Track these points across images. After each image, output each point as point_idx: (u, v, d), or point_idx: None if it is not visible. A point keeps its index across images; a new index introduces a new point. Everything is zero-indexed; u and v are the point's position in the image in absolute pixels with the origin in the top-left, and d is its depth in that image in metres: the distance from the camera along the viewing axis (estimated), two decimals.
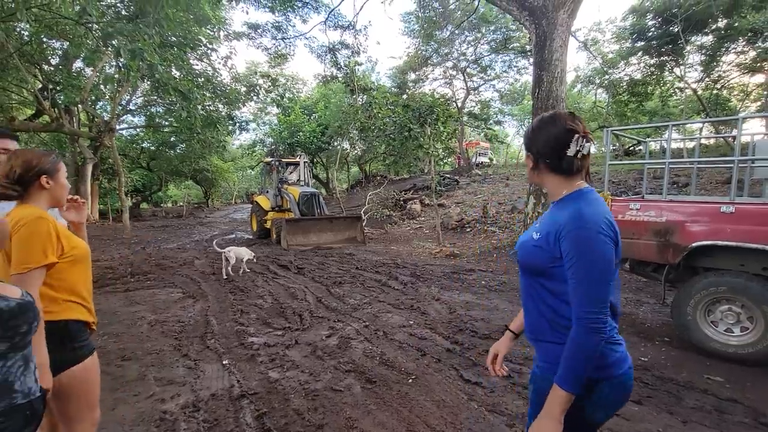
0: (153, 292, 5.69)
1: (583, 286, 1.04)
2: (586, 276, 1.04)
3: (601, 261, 1.04)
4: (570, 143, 1.12)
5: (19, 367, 0.97)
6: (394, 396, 2.67)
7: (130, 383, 2.92)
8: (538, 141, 1.19)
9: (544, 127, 1.18)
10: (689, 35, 16.26)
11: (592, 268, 1.03)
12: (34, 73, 12.36)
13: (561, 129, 1.13)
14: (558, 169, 1.17)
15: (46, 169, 1.51)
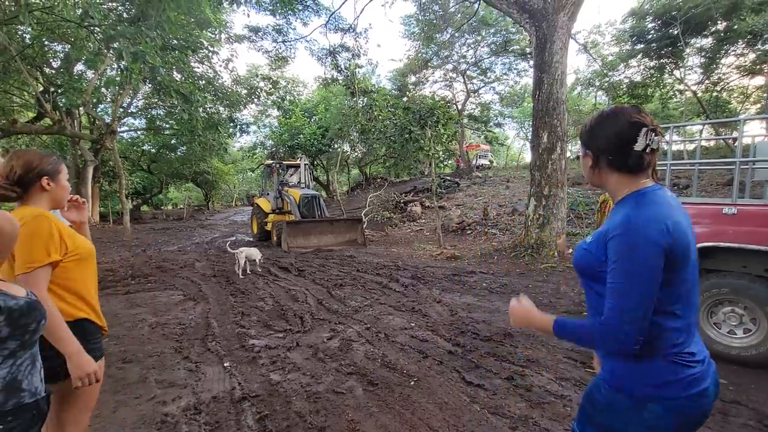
0: (154, 295, 5.68)
1: (616, 295, 0.98)
2: (621, 284, 0.98)
3: (640, 271, 0.96)
4: (637, 137, 1.04)
5: (27, 366, 0.97)
6: (396, 398, 2.66)
7: (131, 386, 2.91)
8: (599, 137, 1.11)
9: (607, 121, 1.10)
10: (689, 38, 16.30)
11: (629, 278, 0.97)
12: (36, 76, 12.40)
13: (626, 122, 1.06)
14: (623, 167, 1.08)
15: (47, 170, 1.50)
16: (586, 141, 1.16)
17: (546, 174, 7.70)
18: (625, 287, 0.97)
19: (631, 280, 0.96)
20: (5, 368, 0.90)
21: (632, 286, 0.96)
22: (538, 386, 2.77)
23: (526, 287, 5.64)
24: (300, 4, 14.37)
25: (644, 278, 0.96)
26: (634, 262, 0.96)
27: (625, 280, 0.97)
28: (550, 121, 7.68)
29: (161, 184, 29.59)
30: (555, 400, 2.58)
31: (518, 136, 41.00)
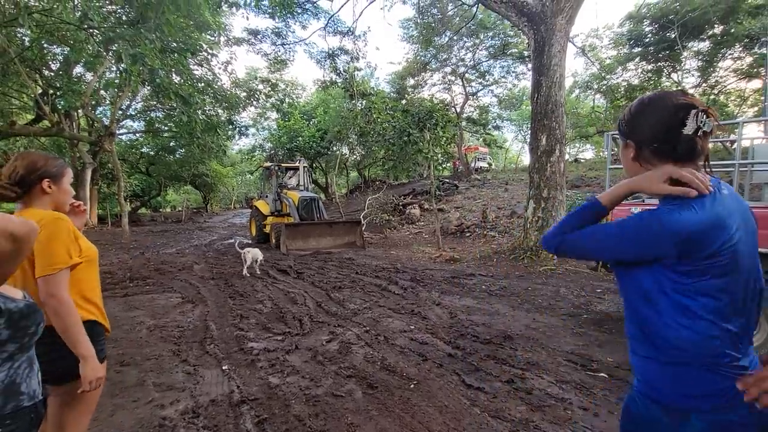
0: (152, 297, 5.66)
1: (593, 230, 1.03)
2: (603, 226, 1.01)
3: (617, 231, 0.96)
4: (686, 120, 0.94)
5: (25, 369, 0.97)
6: (396, 401, 2.65)
7: (128, 389, 2.89)
8: (642, 124, 1.01)
9: (649, 107, 1.00)
10: (686, 41, 16.39)
11: (611, 226, 0.97)
12: (35, 78, 12.40)
13: (672, 106, 0.96)
14: (672, 155, 0.98)
15: (51, 173, 1.50)
16: (626, 130, 1.07)
17: (545, 176, 7.72)
18: (603, 228, 1.00)
19: (610, 227, 0.98)
20: (3, 371, 0.89)
21: (604, 229, 0.99)
22: (538, 389, 2.76)
23: (526, 290, 5.63)
24: (299, 7, 14.41)
25: (617, 242, 0.97)
26: (627, 224, 0.96)
27: (608, 226, 0.99)
28: (548, 123, 7.70)
29: (160, 186, 29.55)
30: (556, 403, 2.57)
31: (517, 138, 41.10)
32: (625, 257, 0.99)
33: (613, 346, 3.55)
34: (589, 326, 4.07)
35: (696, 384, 0.92)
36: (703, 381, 0.92)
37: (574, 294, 5.33)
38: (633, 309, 1.01)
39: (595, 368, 3.08)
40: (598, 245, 1.01)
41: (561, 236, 1.06)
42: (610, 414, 2.44)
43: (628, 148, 1.06)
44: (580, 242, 1.03)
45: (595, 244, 1.01)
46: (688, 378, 0.93)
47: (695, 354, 0.92)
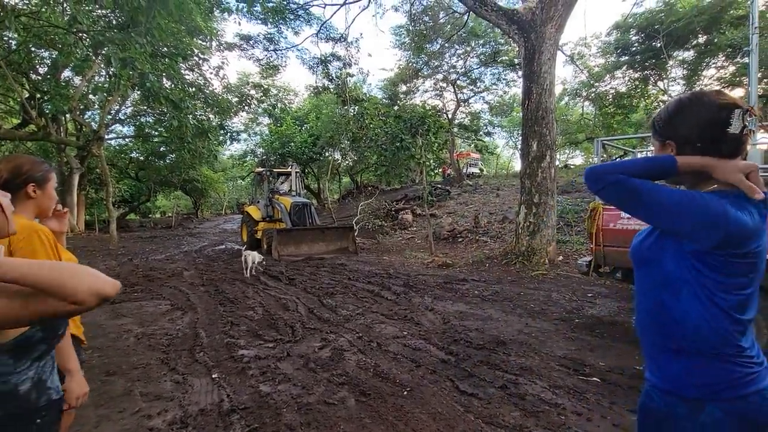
0: (140, 305, 5.55)
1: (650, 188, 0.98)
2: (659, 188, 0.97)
3: (685, 197, 0.94)
4: (731, 119, 0.95)
5: (49, 366, 1.03)
6: (389, 409, 2.62)
7: (114, 399, 2.81)
8: (683, 124, 1.02)
9: (690, 106, 1.01)
10: (671, 50, 16.79)
11: (676, 191, 0.95)
12: (22, 82, 12.20)
13: (714, 105, 0.97)
14: (716, 154, 0.98)
15: (36, 177, 1.46)
16: (663, 130, 1.06)
17: (536, 182, 7.78)
18: (669, 190, 0.97)
19: (675, 192, 0.96)
20: (33, 369, 0.95)
21: (671, 190, 0.96)
22: (531, 395, 2.75)
23: (518, 294, 5.64)
24: (291, 13, 14.45)
25: (679, 198, 0.94)
26: (695, 198, 0.95)
27: (672, 190, 0.97)
28: (539, 130, 7.78)
29: (149, 191, 29.15)
30: (549, 408, 2.56)
31: (508, 144, 41.57)
32: (675, 226, 0.98)
33: (605, 350, 3.57)
34: (581, 331, 4.09)
35: (710, 373, 0.95)
36: (716, 370, 0.95)
37: (566, 298, 5.36)
38: (654, 299, 1.03)
39: (588, 373, 3.09)
40: (659, 203, 0.96)
41: (618, 175, 0.99)
42: (603, 419, 2.44)
43: (666, 148, 1.06)
44: (642, 190, 0.98)
45: (656, 200, 0.97)
46: (701, 368, 0.96)
47: (709, 344, 0.95)
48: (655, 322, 1.04)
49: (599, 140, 4.52)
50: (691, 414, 0.95)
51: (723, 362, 0.95)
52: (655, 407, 1.02)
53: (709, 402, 0.94)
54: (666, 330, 1.01)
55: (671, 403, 0.99)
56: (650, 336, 1.06)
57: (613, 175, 1.00)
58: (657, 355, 1.04)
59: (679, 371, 0.98)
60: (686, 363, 0.98)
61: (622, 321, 4.39)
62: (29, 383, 0.94)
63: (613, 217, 3.87)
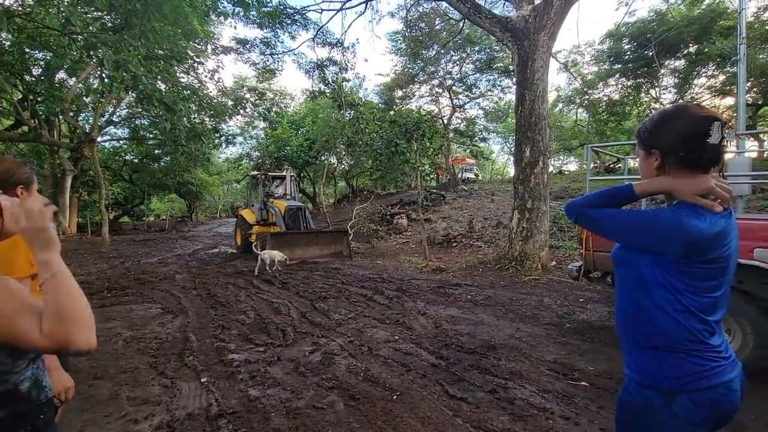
0: (130, 308, 5.51)
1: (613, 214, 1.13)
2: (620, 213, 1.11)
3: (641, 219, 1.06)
4: (710, 131, 1.03)
5: (41, 366, 1.06)
6: (378, 413, 2.61)
7: (101, 403, 2.78)
8: (667, 135, 1.09)
9: (673, 118, 1.09)
10: (663, 59, 17.05)
11: (627, 214, 1.08)
12: (15, 83, 12.11)
13: (695, 117, 1.05)
14: (697, 163, 1.07)
15: (23, 180, 1.48)
16: (648, 140, 1.14)
17: (529, 187, 7.84)
18: (626, 213, 1.10)
19: (631, 214, 1.09)
20: (30, 370, 0.98)
21: (630, 214, 1.09)
22: (520, 399, 2.76)
23: (510, 299, 5.66)
24: (288, 18, 14.51)
25: (633, 229, 1.08)
26: (647, 216, 1.07)
27: (629, 213, 1.10)
28: (532, 136, 7.85)
29: (143, 194, 28.96)
30: (537, 413, 2.57)
31: (503, 150, 41.84)
32: (636, 244, 1.09)
33: (595, 354, 3.59)
34: (571, 335, 4.11)
35: (680, 367, 1.04)
36: (685, 364, 1.04)
37: (557, 303, 5.39)
38: (629, 298, 1.13)
39: (577, 377, 3.10)
40: (616, 227, 1.11)
41: (585, 208, 1.17)
42: (591, 423, 2.45)
43: (651, 157, 1.14)
44: (600, 219, 1.14)
45: (613, 225, 1.12)
46: (672, 362, 1.05)
47: (679, 341, 1.05)
48: (630, 320, 1.13)
49: (589, 147, 4.57)
50: (664, 405, 1.04)
51: (691, 356, 1.04)
52: (632, 400, 1.10)
53: (680, 393, 1.03)
54: (640, 328, 1.10)
55: (647, 395, 1.07)
56: (626, 333, 1.15)
57: (580, 209, 1.17)
58: (633, 351, 1.12)
59: (653, 366, 1.07)
60: (659, 358, 1.06)
61: (612, 326, 4.41)
62: (28, 383, 0.96)
63: None
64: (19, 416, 0.92)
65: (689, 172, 1.08)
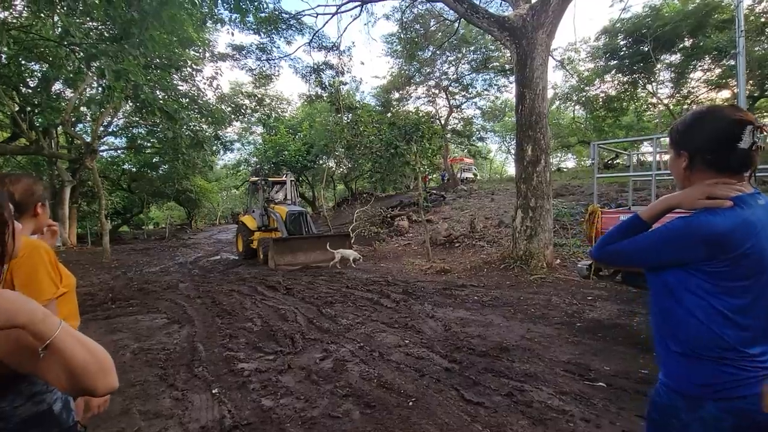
0: (136, 319, 5.45)
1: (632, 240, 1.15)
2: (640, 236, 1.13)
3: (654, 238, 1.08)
4: (742, 135, 1.01)
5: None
6: (395, 420, 2.57)
7: (113, 418, 2.73)
8: (697, 136, 1.08)
9: (705, 120, 1.07)
10: (659, 54, 17.08)
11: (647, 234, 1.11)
12: (12, 95, 12.07)
13: (728, 120, 1.03)
14: (725, 167, 1.05)
15: (44, 197, 1.47)
16: (679, 141, 1.13)
17: (532, 186, 7.82)
18: (640, 237, 1.13)
19: (646, 236, 1.11)
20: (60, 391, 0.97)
21: (643, 238, 1.11)
22: (538, 402, 2.72)
23: (518, 299, 5.63)
24: (284, 23, 14.52)
25: (655, 246, 1.08)
26: (660, 231, 1.08)
27: (644, 235, 1.12)
28: (533, 134, 7.84)
29: (142, 203, 28.89)
30: (557, 416, 2.54)
31: (500, 149, 41.91)
32: (661, 262, 1.09)
33: (609, 354, 3.55)
34: (583, 335, 4.08)
35: (710, 375, 1.02)
36: (716, 373, 1.01)
37: (565, 302, 5.35)
38: (660, 304, 1.12)
39: (593, 378, 3.07)
40: (636, 253, 1.13)
41: (603, 247, 1.20)
42: (612, 425, 2.42)
43: (680, 158, 1.13)
44: (620, 251, 1.17)
45: (634, 253, 1.13)
46: (703, 370, 1.03)
47: (709, 348, 1.02)
48: (661, 325, 1.12)
49: (594, 144, 4.56)
50: (691, 409, 1.03)
51: (723, 365, 1.01)
52: (661, 402, 1.11)
53: (708, 400, 1.01)
54: (670, 334, 1.09)
55: (674, 399, 1.07)
56: (658, 338, 1.14)
57: (599, 250, 1.22)
58: (664, 355, 1.12)
59: (681, 372, 1.06)
60: (688, 365, 1.05)
61: (624, 324, 4.38)
62: (60, 403, 0.94)
63: (612, 219, 3.88)
64: None
65: (716, 175, 1.06)
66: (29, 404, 0.86)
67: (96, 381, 0.76)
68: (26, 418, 0.85)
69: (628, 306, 4.99)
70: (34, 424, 0.87)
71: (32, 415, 0.86)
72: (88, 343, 0.79)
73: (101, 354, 0.79)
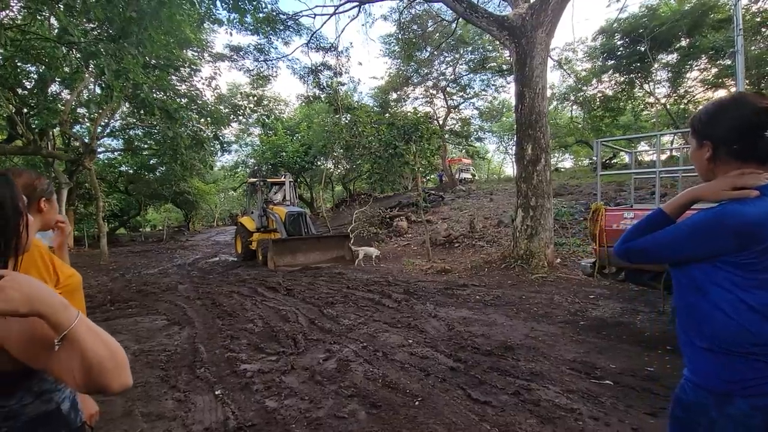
0: (135, 320, 5.41)
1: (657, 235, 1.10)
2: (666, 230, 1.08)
3: (681, 231, 1.03)
4: None
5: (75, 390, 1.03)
6: (402, 420, 2.54)
7: (115, 420, 2.70)
8: (721, 125, 1.04)
9: (729, 108, 1.04)
10: (656, 54, 17.15)
11: (673, 229, 1.06)
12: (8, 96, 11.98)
13: (753, 108, 0.99)
14: (750, 156, 1.01)
15: (46, 191, 1.40)
16: (703, 131, 1.09)
17: (532, 185, 7.81)
18: (664, 232, 1.08)
19: (670, 230, 1.07)
20: (68, 389, 0.95)
21: (669, 232, 1.07)
22: (545, 400, 2.70)
23: (520, 298, 5.61)
24: (281, 24, 14.48)
25: (681, 239, 1.04)
26: (686, 224, 1.03)
27: (668, 229, 1.08)
28: (533, 133, 7.83)
29: (140, 205, 28.78)
30: (565, 414, 2.51)
31: (498, 149, 41.96)
32: (687, 255, 1.05)
33: (614, 352, 3.54)
34: (587, 333, 4.06)
35: (739, 371, 0.98)
36: (746, 368, 0.97)
37: (568, 301, 5.34)
38: (685, 300, 1.08)
39: (600, 375, 3.05)
40: (663, 248, 1.09)
41: (626, 244, 1.16)
42: (621, 422, 2.40)
43: (703, 149, 1.09)
44: (644, 247, 1.12)
45: (660, 248, 1.09)
46: (731, 365, 0.99)
47: (737, 344, 0.98)
48: (686, 321, 1.08)
49: (598, 141, 4.56)
50: (719, 406, 0.99)
51: (753, 361, 0.96)
52: (687, 399, 1.06)
53: (737, 396, 0.97)
54: (695, 330, 1.05)
55: (701, 396, 1.03)
56: (683, 334, 1.10)
57: (622, 246, 1.17)
58: (690, 351, 1.08)
59: (709, 368, 1.02)
60: (715, 361, 1.00)
61: (627, 322, 4.37)
62: (68, 403, 0.93)
63: (616, 217, 3.87)
64: None
65: (742, 165, 1.03)
66: (38, 402, 0.84)
67: (111, 377, 0.73)
68: (34, 417, 0.82)
69: (630, 304, 4.98)
70: (42, 423, 0.84)
71: (41, 414, 0.84)
72: (105, 336, 0.76)
73: (117, 349, 0.76)
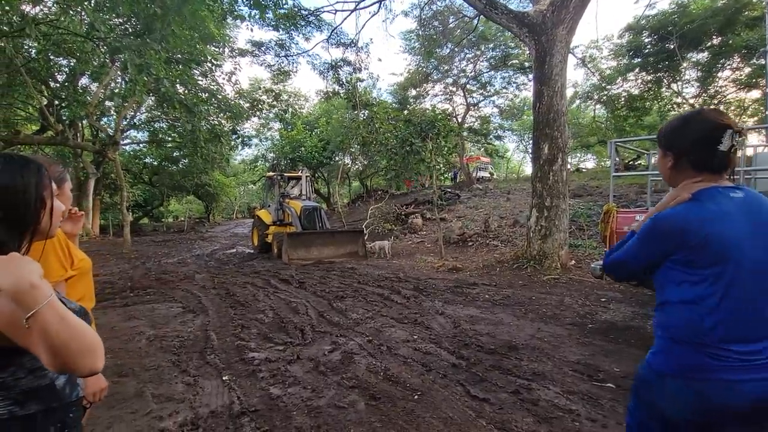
0: (152, 307, 5.62)
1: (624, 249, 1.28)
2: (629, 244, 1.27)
3: (634, 241, 1.22)
4: (722, 139, 1.11)
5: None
6: (400, 413, 2.59)
7: (127, 400, 2.84)
8: (681, 138, 1.19)
9: (690, 123, 1.18)
10: (685, 52, 16.51)
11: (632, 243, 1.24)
12: (41, 89, 12.54)
13: (711, 124, 1.13)
14: (706, 166, 1.16)
15: (57, 178, 1.47)
16: (665, 143, 1.24)
17: (547, 185, 7.69)
18: (626, 245, 1.27)
19: (633, 240, 1.25)
20: None
21: (629, 245, 1.25)
22: (545, 400, 2.70)
23: (530, 299, 5.57)
24: (303, 20, 14.63)
25: (636, 248, 1.23)
26: (637, 234, 1.23)
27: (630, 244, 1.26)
28: (550, 132, 7.70)
29: (162, 196, 29.66)
30: (563, 414, 2.51)
31: (518, 148, 41.24)
32: (648, 260, 1.20)
33: (620, 355, 3.49)
34: (594, 336, 4.01)
35: (681, 357, 1.10)
36: (688, 357, 1.09)
37: (578, 303, 5.27)
38: (658, 300, 1.23)
39: (602, 378, 3.02)
40: (628, 257, 1.26)
41: (607, 258, 1.35)
42: (619, 425, 2.38)
43: (666, 158, 1.25)
44: (617, 260, 1.31)
45: (626, 257, 1.27)
46: (678, 352, 1.12)
47: (687, 335, 1.10)
48: (658, 318, 1.22)
49: (612, 142, 4.46)
50: (657, 382, 1.14)
51: (696, 352, 1.08)
52: (641, 375, 1.21)
53: (673, 377, 1.11)
54: (663, 324, 1.19)
55: (648, 373, 1.18)
56: (656, 329, 1.24)
57: (606, 261, 1.36)
58: (655, 340, 1.22)
59: (663, 351, 1.16)
60: (669, 347, 1.14)
61: (637, 326, 4.29)
62: (63, 378, 0.95)
63: (627, 219, 3.80)
64: (50, 412, 0.92)
65: (698, 173, 1.17)
66: (31, 377, 0.88)
67: (76, 361, 0.77)
68: (27, 390, 0.87)
69: (642, 308, 4.88)
70: (34, 396, 0.88)
71: (33, 387, 0.88)
72: (73, 321, 0.79)
73: (83, 334, 0.79)
